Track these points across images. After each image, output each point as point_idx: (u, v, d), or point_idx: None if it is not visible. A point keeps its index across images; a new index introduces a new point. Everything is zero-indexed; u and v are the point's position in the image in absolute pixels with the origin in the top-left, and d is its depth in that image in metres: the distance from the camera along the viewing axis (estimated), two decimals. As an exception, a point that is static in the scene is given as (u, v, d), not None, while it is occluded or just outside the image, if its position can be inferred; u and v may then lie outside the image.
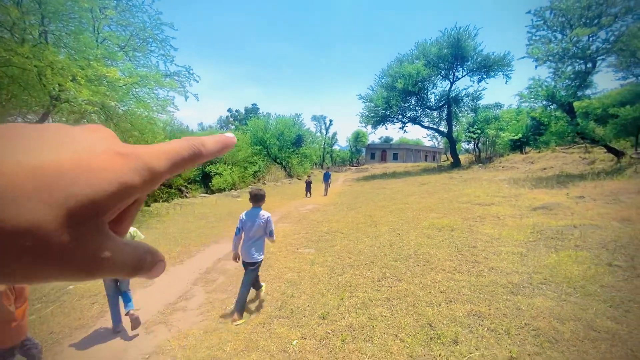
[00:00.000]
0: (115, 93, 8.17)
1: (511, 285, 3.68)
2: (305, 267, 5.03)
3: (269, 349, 2.87)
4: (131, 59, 9.31)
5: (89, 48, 7.66)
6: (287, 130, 31.70)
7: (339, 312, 3.47)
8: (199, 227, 8.88)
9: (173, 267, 5.45)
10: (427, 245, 5.57)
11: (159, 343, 3.10)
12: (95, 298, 4.20)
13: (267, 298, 3.97)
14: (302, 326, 3.23)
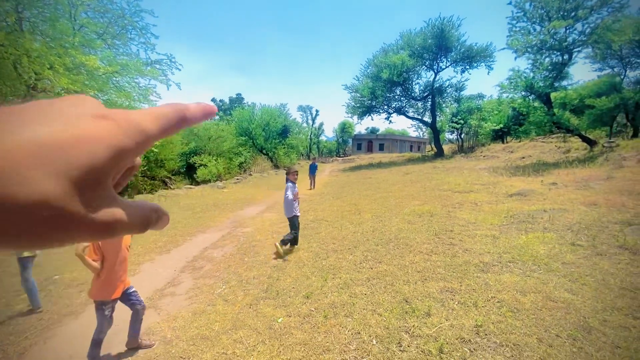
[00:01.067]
0: (94, 82, 8.00)
1: (482, 264, 3.96)
2: (291, 253, 5.19)
3: (256, 326, 3.03)
4: (110, 47, 9.06)
5: (65, 35, 7.43)
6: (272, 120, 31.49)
7: (322, 292, 3.66)
8: (184, 217, 8.89)
9: (160, 257, 5.52)
10: (407, 230, 5.83)
11: (148, 325, 3.21)
12: (82, 287, 4.25)
13: (254, 282, 4.12)
14: (287, 305, 3.41)
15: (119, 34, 8.97)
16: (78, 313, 3.55)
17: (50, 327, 3.28)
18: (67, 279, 4.47)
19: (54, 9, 7.79)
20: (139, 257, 5.47)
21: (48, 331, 3.20)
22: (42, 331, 3.20)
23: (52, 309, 3.64)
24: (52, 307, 3.67)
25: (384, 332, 2.77)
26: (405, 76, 23.70)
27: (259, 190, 15.27)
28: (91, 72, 7.65)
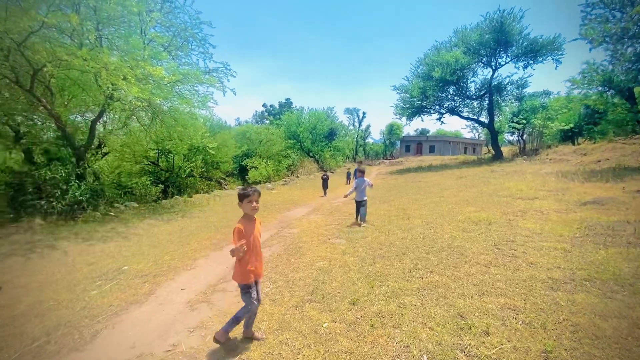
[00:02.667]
0: (160, 91, 8.77)
1: (551, 281, 3.52)
2: (337, 257, 5.15)
3: (301, 329, 3.03)
4: (174, 58, 9.91)
5: (137, 49, 8.27)
6: (319, 123, 31.89)
7: (368, 300, 3.55)
8: (236, 217, 9.27)
9: (213, 253, 5.84)
10: (461, 238, 5.44)
11: (202, 319, 3.39)
12: (146, 278, 4.64)
13: (300, 283, 4.15)
14: (333, 311, 3.36)
15: (181, 45, 9.77)
16: (142, 302, 3.88)
17: (119, 313, 3.61)
18: (134, 270, 4.92)
19: (128, 26, 8.74)
20: (196, 252, 5.84)
21: (116, 317, 3.53)
22: (111, 316, 3.54)
23: (121, 296, 4.03)
24: (121, 295, 4.06)
25: (436, 348, 2.58)
26: (459, 74, 22.40)
27: (305, 192, 15.51)
28: (157, 81, 8.42)
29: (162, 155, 15.39)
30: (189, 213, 9.92)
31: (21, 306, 3.81)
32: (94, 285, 4.41)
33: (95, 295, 4.10)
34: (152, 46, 9.00)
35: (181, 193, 14.74)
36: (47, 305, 3.81)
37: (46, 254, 5.71)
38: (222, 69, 10.57)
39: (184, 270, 4.96)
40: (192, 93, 10.32)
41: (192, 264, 5.25)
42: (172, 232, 7.53)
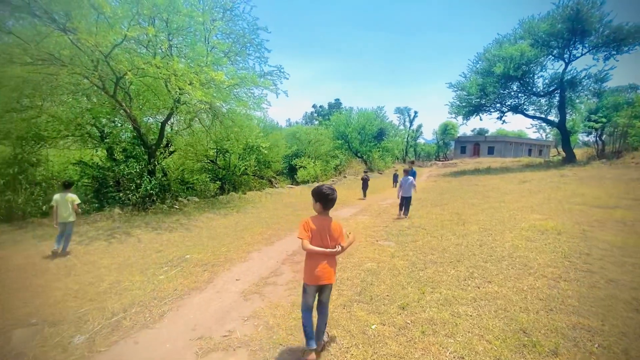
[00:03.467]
0: (220, 94, 9.42)
1: (636, 302, 3.07)
2: (385, 259, 5.06)
3: (349, 328, 3.04)
4: (233, 63, 10.55)
5: (201, 56, 8.98)
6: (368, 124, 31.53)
7: (419, 305, 3.44)
8: (286, 214, 9.65)
9: (265, 247, 6.11)
10: (525, 248, 4.99)
11: (255, 309, 3.58)
12: (206, 267, 5.02)
13: (347, 283, 4.16)
14: (381, 313, 3.31)
15: (239, 51, 10.36)
16: (202, 289, 4.21)
17: (182, 297, 3.97)
18: (195, 259, 5.36)
19: (194, 35, 9.52)
20: (250, 246, 6.17)
21: (180, 300, 3.88)
22: (176, 300, 3.90)
23: (184, 282, 4.41)
24: (184, 281, 4.44)
25: (495, 363, 2.41)
26: (524, 69, 20.49)
27: (352, 193, 15.45)
28: (218, 85, 9.05)
29: (220, 154, 16.47)
30: (243, 209, 10.49)
31: (104, 284, 4.37)
32: (162, 271, 4.90)
33: (162, 279, 4.55)
34: (214, 53, 9.69)
35: (236, 190, 15.64)
36: (123, 285, 4.33)
37: (123, 240, 6.48)
38: (276, 72, 10.99)
39: (239, 262, 5.27)
40: (248, 95, 10.90)
41: (246, 256, 5.55)
42: (228, 225, 8.03)
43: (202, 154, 14.95)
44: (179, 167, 14.02)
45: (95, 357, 2.75)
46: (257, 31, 10.50)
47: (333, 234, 2.62)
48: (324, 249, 2.58)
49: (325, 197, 2.63)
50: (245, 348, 2.82)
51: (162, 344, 2.94)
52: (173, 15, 8.03)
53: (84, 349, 2.88)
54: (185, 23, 8.53)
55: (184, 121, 12.36)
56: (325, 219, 2.64)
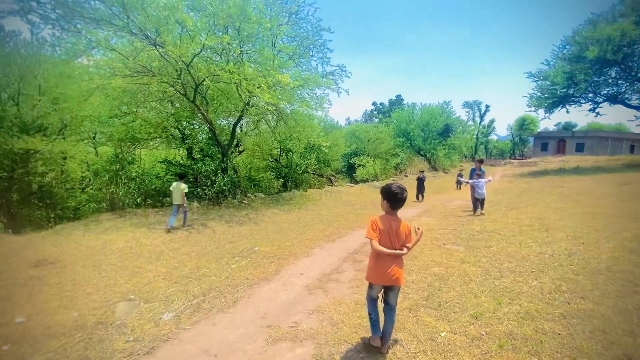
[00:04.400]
0: (285, 95, 9.83)
1: None
2: (454, 264, 4.75)
3: (416, 333, 2.92)
4: (297, 65, 10.92)
5: (268, 60, 9.48)
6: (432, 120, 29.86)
7: (495, 317, 3.15)
8: (346, 212, 9.68)
9: (327, 244, 6.21)
10: (628, 261, 4.24)
11: (319, 304, 3.66)
12: (272, 259, 5.29)
13: (413, 286, 4.00)
14: (451, 321, 3.12)
15: (303, 53, 10.67)
16: (270, 280, 4.45)
17: (252, 286, 4.24)
18: (263, 251, 5.69)
19: (262, 41, 10.09)
20: (312, 242, 6.33)
21: (251, 289, 4.15)
22: (247, 288, 4.18)
23: (254, 272, 4.71)
24: (254, 271, 4.75)
25: (593, 391, 2.09)
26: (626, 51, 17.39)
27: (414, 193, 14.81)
28: (283, 87, 9.46)
29: (283, 153, 17.23)
30: (305, 206, 10.80)
31: (186, 269, 4.89)
32: (234, 260, 5.30)
33: (234, 268, 4.92)
34: (280, 56, 10.13)
35: (298, 187, 16.20)
36: (202, 271, 4.79)
37: (201, 230, 7.18)
38: (337, 71, 11.07)
39: (302, 256, 5.44)
40: (310, 96, 11.18)
41: (309, 252, 5.71)
42: (291, 221, 8.35)
43: (267, 153, 15.81)
44: (247, 165, 15.05)
45: (181, 334, 3.10)
46: (320, 32, 10.70)
47: (401, 236, 2.56)
48: (393, 250, 2.52)
49: (394, 196, 2.55)
50: (311, 341, 2.90)
51: (236, 328, 3.18)
52: (244, 24, 8.60)
53: (172, 325, 3.26)
54: (255, 30, 9.07)
55: (252, 122, 13.21)
56: (394, 220, 2.58)
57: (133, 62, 8.35)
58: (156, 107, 11.18)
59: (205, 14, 8.54)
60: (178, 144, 12.17)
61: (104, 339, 3.01)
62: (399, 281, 2.58)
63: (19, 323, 3.27)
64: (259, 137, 13.81)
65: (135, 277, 4.54)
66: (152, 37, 8.08)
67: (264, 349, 2.80)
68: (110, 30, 8.08)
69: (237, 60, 9.52)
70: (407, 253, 2.58)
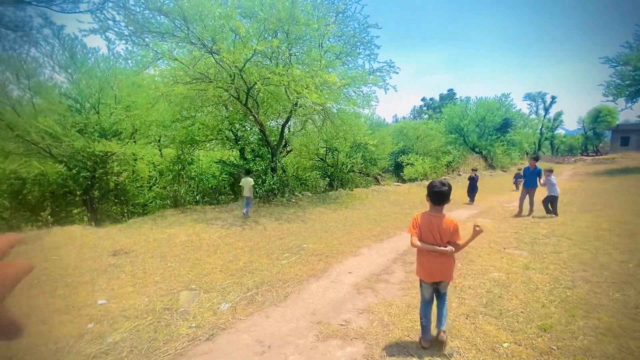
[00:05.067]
0: (332, 95, 9.86)
1: None
2: (516, 270, 4.37)
3: (475, 342, 2.75)
4: (344, 64, 10.89)
5: (315, 61, 9.58)
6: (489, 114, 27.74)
7: (567, 330, 2.84)
8: (394, 212, 9.43)
9: (375, 244, 6.11)
10: None
11: (368, 304, 3.62)
12: (320, 257, 5.35)
13: (470, 292, 3.76)
14: (515, 331, 2.87)
15: (350, 51, 10.61)
16: (319, 277, 4.51)
17: (302, 282, 4.33)
18: (311, 249, 5.78)
19: (309, 42, 10.24)
20: (359, 241, 6.29)
21: (300, 285, 4.24)
22: (297, 284, 4.28)
23: (303, 269, 4.81)
24: (303, 268, 4.84)
25: None
26: None
27: (469, 193, 13.91)
28: (330, 87, 9.50)
29: (329, 152, 17.33)
30: (351, 205, 10.76)
31: (240, 263, 5.16)
32: (283, 256, 5.46)
33: (284, 264, 5.07)
34: (327, 56, 10.20)
35: (343, 186, 16.19)
36: (255, 265, 5.01)
37: (253, 227, 7.53)
38: (385, 67, 10.82)
39: (350, 255, 5.43)
40: (357, 94, 11.09)
41: (357, 251, 5.67)
42: (338, 220, 8.37)
43: (313, 153, 16.04)
44: (294, 164, 15.42)
45: (237, 323, 3.28)
46: (367, 29, 10.55)
47: (444, 232, 2.55)
48: (435, 245, 2.54)
49: (431, 191, 2.57)
50: (362, 340, 2.88)
51: (287, 321, 3.27)
52: (293, 26, 8.80)
53: (229, 315, 3.46)
54: (303, 32, 9.24)
55: (299, 123, 13.50)
56: (436, 216, 2.58)
57: (192, 70, 9.02)
58: (212, 111, 11.96)
59: (256, 20, 8.91)
60: (232, 145, 12.89)
61: (170, 323, 3.29)
62: (445, 276, 2.62)
63: (100, 304, 3.73)
64: (306, 137, 14.05)
65: (196, 268, 4.90)
66: (208, 45, 8.64)
67: (315, 345, 2.84)
68: (173, 42, 8.84)
69: (285, 63, 9.78)
70: (453, 251, 2.54)
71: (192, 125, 11.83)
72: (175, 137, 12.25)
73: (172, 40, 8.69)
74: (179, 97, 10.11)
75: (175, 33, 8.41)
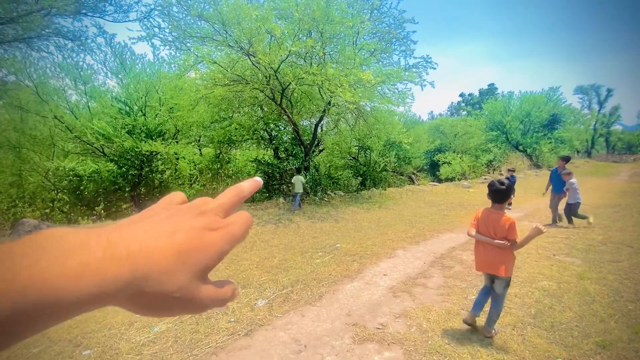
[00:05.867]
0: (366, 93, 9.74)
1: None
2: (569, 279, 4.03)
3: (523, 355, 2.57)
4: (378, 61, 10.71)
5: (349, 59, 9.50)
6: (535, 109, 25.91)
7: (630, 348, 2.57)
8: (430, 213, 9.12)
9: (410, 246, 5.94)
10: None
11: (405, 308, 3.52)
12: (354, 257, 5.31)
13: (516, 301, 3.53)
14: (570, 347, 2.65)
15: (385, 48, 10.40)
16: (353, 278, 4.47)
17: (336, 282, 4.32)
18: (345, 249, 5.76)
19: (343, 41, 10.17)
20: (393, 243, 6.15)
21: (334, 285, 4.23)
22: (331, 284, 4.28)
23: (337, 269, 4.79)
24: (337, 268, 4.83)
25: None
26: None
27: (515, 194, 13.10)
28: (364, 85, 9.38)
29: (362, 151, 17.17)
30: (384, 205, 10.57)
31: (275, 260, 5.26)
32: (317, 255, 5.49)
33: (318, 263, 5.09)
34: (361, 54, 10.07)
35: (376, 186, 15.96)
36: (289, 263, 5.09)
37: (287, 225, 7.65)
38: (422, 63, 10.48)
39: (385, 257, 5.33)
40: (392, 91, 10.84)
41: (392, 253, 5.56)
42: (371, 220, 8.26)
43: (345, 152, 15.97)
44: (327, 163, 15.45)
45: (273, 320, 3.34)
46: (402, 24, 10.28)
47: (500, 228, 2.69)
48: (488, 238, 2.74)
49: (490, 189, 2.78)
50: (400, 346, 2.81)
51: (322, 321, 3.28)
52: (327, 25, 8.80)
53: (265, 311, 3.54)
54: (337, 30, 9.20)
55: (332, 122, 13.50)
56: (495, 213, 2.74)
57: (230, 72, 9.35)
58: (248, 111, 12.33)
59: (291, 21, 9.02)
60: (266, 144, 13.20)
61: (210, 317, 3.43)
62: (498, 271, 2.70)
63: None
64: (339, 135, 14.02)
65: (234, 264, 5.07)
66: (245, 48, 8.90)
67: (351, 347, 2.82)
68: (212, 46, 9.21)
69: (319, 62, 9.81)
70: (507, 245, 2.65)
71: (230, 126, 12.26)
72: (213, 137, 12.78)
73: (212, 44, 9.05)
74: (218, 98, 10.52)
75: (214, 37, 8.75)
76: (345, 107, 9.91)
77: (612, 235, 5.94)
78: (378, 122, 11.60)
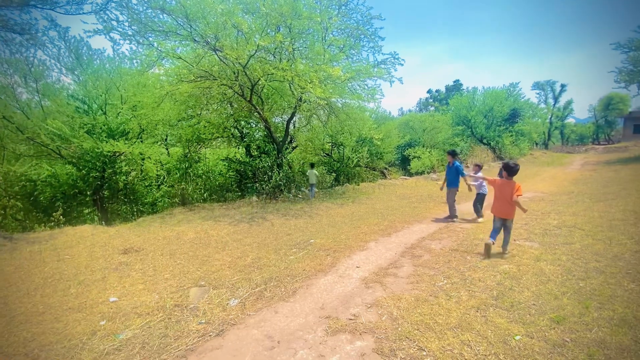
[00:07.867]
0: (336, 89, 9.78)
1: None
2: (527, 262, 4.31)
3: (486, 335, 2.71)
4: (348, 57, 10.77)
5: (319, 55, 9.49)
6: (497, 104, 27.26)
7: (581, 322, 2.79)
8: (401, 206, 9.36)
9: (382, 238, 6.08)
10: None
11: (377, 298, 3.60)
12: (328, 252, 5.35)
13: (480, 284, 3.72)
14: (527, 324, 2.83)
15: (354, 44, 10.48)
16: (326, 272, 4.50)
17: (310, 277, 4.33)
18: (319, 244, 5.78)
19: (312, 36, 10.14)
20: (366, 235, 6.26)
21: (308, 280, 4.25)
22: (305, 279, 4.28)
23: (310, 264, 4.80)
24: (310, 263, 4.84)
25: None
26: None
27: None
28: (334, 81, 9.42)
29: (335, 147, 17.28)
30: (358, 199, 10.71)
31: (248, 259, 5.18)
32: (291, 252, 5.47)
33: (292, 259, 5.08)
34: (330, 49, 10.09)
35: (350, 181, 16.14)
36: (263, 261, 5.03)
37: (260, 223, 7.56)
38: (390, 60, 10.67)
39: (358, 250, 5.41)
40: (362, 88, 10.96)
41: (364, 245, 5.65)
42: (345, 215, 8.35)
43: (319, 148, 16.01)
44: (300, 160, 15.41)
45: (246, 319, 3.29)
46: (370, 21, 10.40)
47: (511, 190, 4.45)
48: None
49: (507, 166, 4.55)
50: (371, 334, 2.87)
51: (296, 316, 3.28)
52: (295, 21, 8.72)
53: (238, 310, 3.48)
54: (306, 26, 9.15)
55: (304, 118, 13.46)
56: (509, 181, 4.54)
57: (196, 67, 9.03)
58: (217, 109, 11.99)
59: (258, 16, 8.85)
60: (237, 142, 12.93)
61: (180, 320, 3.33)
62: (508, 215, 4.59)
63: (112, 302, 3.78)
64: (311, 132, 14.02)
65: (205, 265, 4.94)
66: (211, 42, 8.63)
67: (324, 339, 2.84)
68: (176, 40, 8.83)
69: (289, 58, 9.72)
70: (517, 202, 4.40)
71: (198, 124, 11.88)
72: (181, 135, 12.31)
73: (176, 38, 8.68)
74: (184, 95, 10.13)
75: (178, 31, 8.41)
76: (317, 104, 9.91)
77: (565, 219, 6.40)
78: (349, 118, 11.71)
